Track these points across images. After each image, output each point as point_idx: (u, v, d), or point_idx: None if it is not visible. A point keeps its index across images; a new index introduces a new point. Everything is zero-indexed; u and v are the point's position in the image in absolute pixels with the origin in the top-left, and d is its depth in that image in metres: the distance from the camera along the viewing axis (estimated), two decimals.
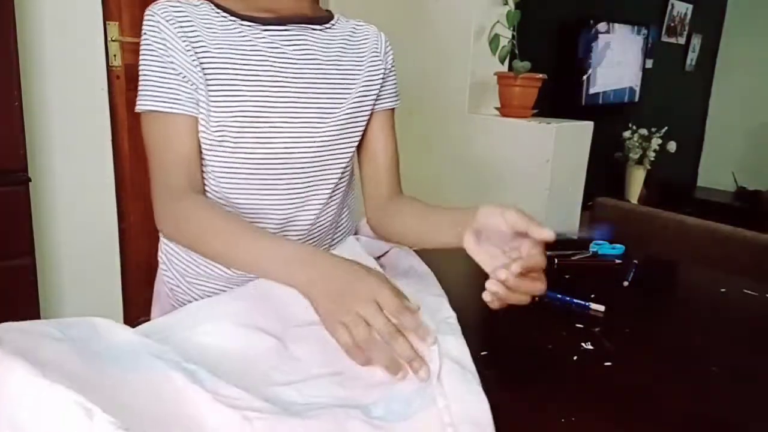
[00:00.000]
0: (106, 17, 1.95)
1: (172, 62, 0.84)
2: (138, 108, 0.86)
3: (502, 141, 2.34)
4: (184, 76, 0.84)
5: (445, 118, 2.49)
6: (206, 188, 0.91)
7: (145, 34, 0.85)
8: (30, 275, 1.64)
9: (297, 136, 0.91)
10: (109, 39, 2.00)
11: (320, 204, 0.96)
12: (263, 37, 0.89)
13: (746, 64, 4.57)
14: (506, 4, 2.24)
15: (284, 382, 0.62)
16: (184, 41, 0.84)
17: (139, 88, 0.86)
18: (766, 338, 0.91)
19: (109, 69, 2.00)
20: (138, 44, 0.87)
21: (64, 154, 1.87)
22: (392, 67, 1.02)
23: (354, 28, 1.00)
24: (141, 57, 0.86)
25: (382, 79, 1.00)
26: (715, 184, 4.73)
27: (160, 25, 0.84)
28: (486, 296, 0.67)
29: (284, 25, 0.90)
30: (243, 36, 0.88)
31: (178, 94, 0.84)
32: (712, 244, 1.59)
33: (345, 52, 0.96)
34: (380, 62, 1.00)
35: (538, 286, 0.68)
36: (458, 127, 2.46)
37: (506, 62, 2.33)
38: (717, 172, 4.74)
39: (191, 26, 0.86)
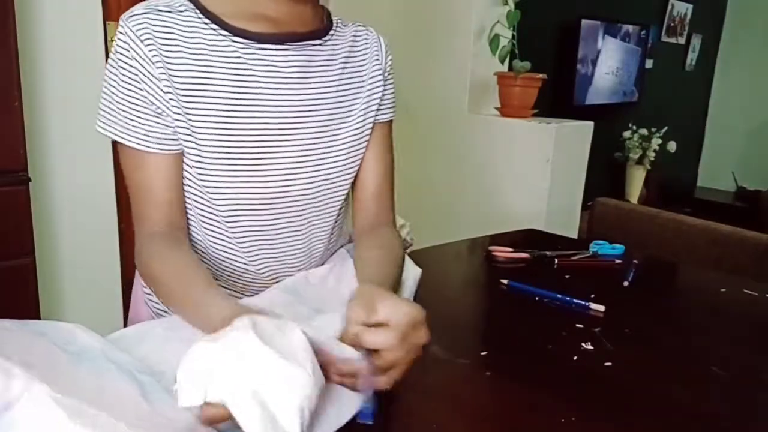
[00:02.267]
0: (106, 17, 1.95)
1: (143, 92, 0.72)
2: (104, 132, 0.75)
3: (502, 141, 2.34)
4: (158, 109, 0.73)
5: (445, 118, 2.49)
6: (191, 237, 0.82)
7: (115, 51, 0.73)
8: (30, 275, 1.63)
9: (298, 170, 0.81)
10: (109, 39, 1.99)
11: (323, 242, 0.89)
12: (259, 59, 0.76)
13: (746, 64, 4.57)
14: (506, 4, 2.24)
15: None
16: (160, 67, 0.72)
17: (105, 108, 0.75)
18: (766, 338, 0.91)
19: None
20: None
21: (64, 154, 1.87)
22: (391, 74, 0.92)
23: (354, 34, 0.88)
24: (108, 74, 0.74)
25: (383, 88, 0.89)
26: (715, 184, 4.73)
27: (132, 43, 0.71)
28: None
29: (283, 44, 0.77)
30: (235, 55, 0.75)
31: (150, 131, 0.73)
32: (712, 244, 1.59)
33: (347, 67, 0.85)
34: (380, 70, 0.89)
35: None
36: (458, 127, 2.46)
37: (506, 62, 2.33)
38: (717, 172, 4.74)
39: (173, 42, 0.73)
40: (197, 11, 0.75)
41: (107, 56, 2.05)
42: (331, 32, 0.84)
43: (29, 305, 1.64)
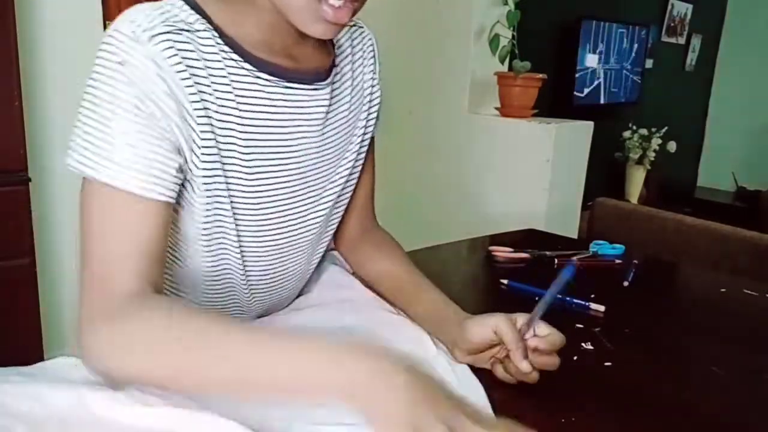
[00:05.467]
0: (106, 17, 1.95)
1: (160, 125, 0.58)
2: (83, 171, 0.58)
3: (502, 141, 2.34)
4: (178, 148, 0.60)
5: (445, 118, 2.49)
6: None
7: (124, 64, 0.56)
8: (30, 275, 1.63)
9: (316, 201, 0.75)
10: None
11: (320, 256, 0.85)
12: (285, 99, 0.67)
13: (746, 64, 4.57)
14: (506, 4, 2.24)
15: None
16: (196, 101, 0.59)
17: (88, 142, 0.57)
18: (766, 338, 0.91)
19: None
20: None
21: (64, 154, 1.87)
22: (381, 79, 0.83)
23: (351, 42, 0.79)
24: (99, 96, 0.57)
25: (379, 98, 0.82)
26: (715, 184, 4.73)
27: (155, 68, 0.57)
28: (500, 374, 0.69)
29: (311, 84, 0.69)
30: (259, 93, 0.65)
31: (164, 173, 0.59)
32: (712, 244, 1.59)
33: (354, 87, 0.78)
34: (376, 77, 0.82)
35: (552, 362, 0.67)
36: (458, 127, 2.46)
37: (506, 62, 2.33)
38: (717, 172, 4.74)
39: (203, 71, 0.60)
40: (214, 33, 0.62)
41: None
42: (336, 49, 0.77)
43: (29, 305, 1.64)
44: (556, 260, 1.14)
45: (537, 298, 0.96)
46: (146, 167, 0.57)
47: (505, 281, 1.02)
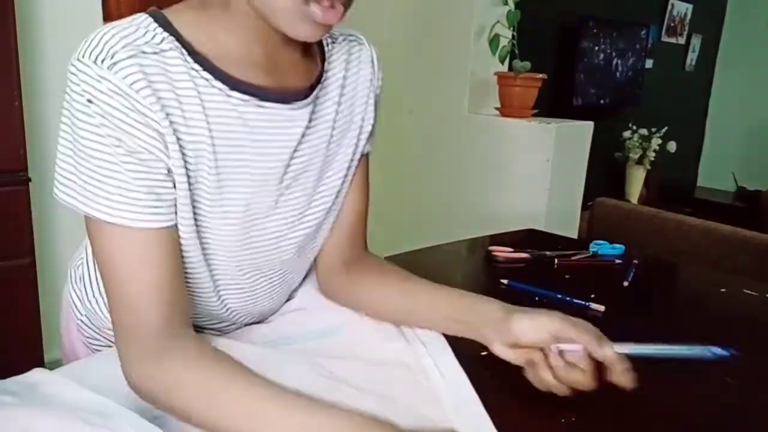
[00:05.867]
0: (106, 17, 1.95)
1: (142, 157, 0.56)
2: (76, 206, 0.58)
3: (502, 141, 2.34)
4: (166, 170, 0.58)
5: (445, 118, 2.49)
6: None
7: (92, 101, 0.55)
8: (30, 275, 1.64)
9: (293, 228, 0.71)
10: None
11: (299, 280, 0.82)
12: (260, 119, 0.63)
13: (746, 64, 4.57)
14: (506, 4, 2.24)
15: None
16: (163, 119, 0.56)
17: (78, 176, 0.58)
18: (766, 338, 0.91)
19: None
20: None
21: None
22: (380, 95, 0.78)
23: (348, 56, 0.74)
24: (80, 136, 0.57)
25: (373, 116, 0.77)
26: (715, 184, 4.72)
27: (124, 96, 0.54)
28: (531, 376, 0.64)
29: (288, 102, 0.64)
30: (232, 113, 0.61)
31: (157, 201, 0.57)
32: (712, 244, 1.59)
33: (342, 102, 0.73)
34: (373, 94, 0.77)
35: (583, 382, 0.61)
36: (458, 127, 2.46)
37: (506, 62, 2.33)
38: (717, 172, 4.73)
39: (170, 93, 0.57)
40: (183, 52, 0.58)
41: None
42: (328, 58, 0.72)
43: (29, 305, 1.64)
44: (556, 260, 1.14)
45: (536, 298, 0.96)
46: (142, 199, 0.56)
47: (505, 281, 1.02)
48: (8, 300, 1.59)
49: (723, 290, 1.08)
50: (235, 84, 0.60)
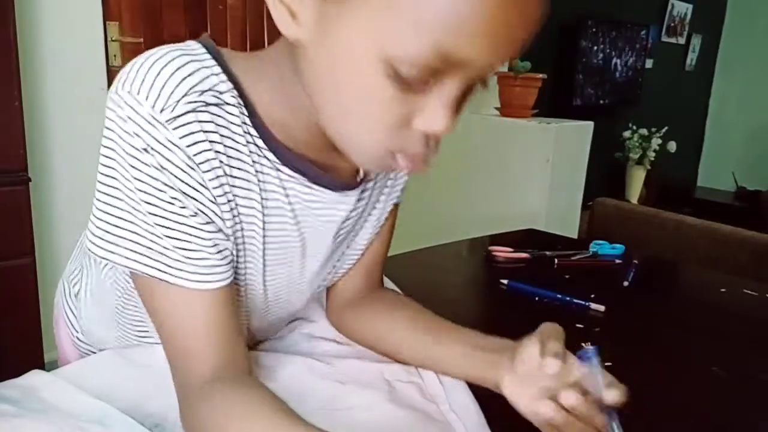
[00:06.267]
0: (106, 17, 1.95)
1: (200, 210, 0.52)
2: (126, 265, 0.52)
3: (502, 141, 2.34)
4: (221, 231, 0.54)
5: None
6: None
7: (148, 150, 0.49)
8: (30, 275, 1.64)
9: (324, 275, 0.71)
10: (109, 39, 1.99)
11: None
12: (311, 195, 0.59)
13: (746, 64, 4.57)
14: None
15: None
16: (224, 184, 0.53)
17: (118, 229, 0.52)
18: (766, 338, 0.91)
19: (109, 69, 2.00)
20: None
21: (64, 154, 1.87)
22: None
23: None
24: (133, 183, 0.50)
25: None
26: (715, 184, 4.73)
27: (181, 155, 0.49)
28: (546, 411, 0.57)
29: (339, 191, 0.61)
30: (277, 184, 0.57)
31: (218, 262, 0.54)
32: (712, 244, 1.59)
33: (381, 191, 0.70)
34: None
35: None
36: (458, 127, 2.46)
37: (506, 62, 2.33)
38: (717, 172, 4.74)
39: (221, 149, 0.52)
40: (244, 111, 0.53)
41: (107, 56, 2.06)
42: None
43: (29, 305, 1.64)
44: (556, 260, 1.14)
45: (536, 298, 0.96)
46: (200, 261, 0.52)
47: (505, 281, 1.02)
48: (8, 300, 1.59)
49: (723, 290, 1.08)
50: (286, 160, 0.56)
